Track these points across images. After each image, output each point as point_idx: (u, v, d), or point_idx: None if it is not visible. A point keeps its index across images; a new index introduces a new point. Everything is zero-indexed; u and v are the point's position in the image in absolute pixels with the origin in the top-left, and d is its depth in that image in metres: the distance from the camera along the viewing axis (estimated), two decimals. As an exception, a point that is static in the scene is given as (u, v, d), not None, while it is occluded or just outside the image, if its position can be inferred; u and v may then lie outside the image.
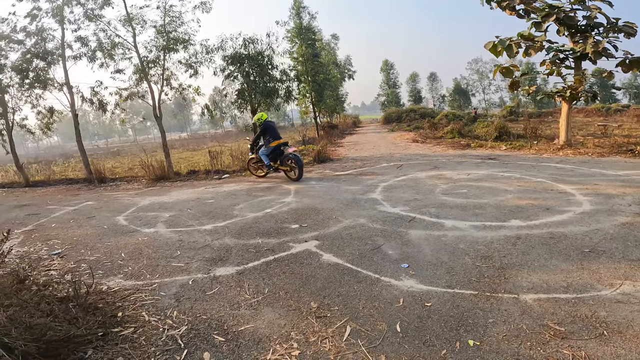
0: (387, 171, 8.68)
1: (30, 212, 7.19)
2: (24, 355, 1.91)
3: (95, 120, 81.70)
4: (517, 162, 8.79)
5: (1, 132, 12.43)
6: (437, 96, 63.10)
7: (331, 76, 24.45)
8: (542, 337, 2.17)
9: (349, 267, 3.35)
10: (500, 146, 11.99)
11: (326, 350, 2.18)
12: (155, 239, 4.68)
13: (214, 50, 11.26)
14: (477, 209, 4.93)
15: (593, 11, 9.78)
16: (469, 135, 15.75)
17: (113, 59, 11.20)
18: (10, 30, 11.45)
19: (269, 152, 8.59)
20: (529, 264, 3.15)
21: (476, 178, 7.05)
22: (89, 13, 10.79)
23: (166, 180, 10.46)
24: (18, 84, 11.97)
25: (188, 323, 2.57)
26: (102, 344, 2.28)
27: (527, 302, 2.56)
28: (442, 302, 2.64)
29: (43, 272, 3.71)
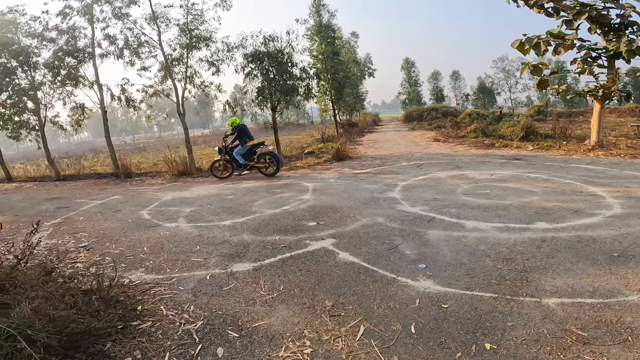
0: (407, 170, 8.54)
1: (60, 205, 7.51)
2: (45, 348, 1.96)
3: (123, 116, 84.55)
4: (545, 162, 8.47)
5: (35, 128, 13.06)
6: (460, 95, 61.60)
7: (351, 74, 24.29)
8: (563, 342, 2.09)
9: (365, 267, 3.31)
10: (527, 146, 11.57)
11: (338, 349, 2.17)
12: (176, 234, 4.79)
13: (235, 48, 11.42)
14: (500, 210, 4.78)
15: (627, 9, 9.33)
16: (494, 134, 15.29)
17: (139, 57, 11.54)
18: (43, 28, 11.99)
19: (245, 151, 9.37)
20: (554, 268, 3.02)
21: (500, 178, 6.83)
22: (116, 11, 11.14)
23: (188, 175, 10.70)
24: (50, 82, 12.53)
25: (204, 318, 2.60)
26: (121, 337, 2.34)
27: (550, 306, 2.46)
28: (459, 304, 2.57)
29: (69, 264, 3.84)
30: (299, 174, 9.34)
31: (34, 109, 12.71)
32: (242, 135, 9.38)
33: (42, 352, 1.93)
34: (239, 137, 9.37)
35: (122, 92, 11.85)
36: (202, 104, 72.75)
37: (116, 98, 11.92)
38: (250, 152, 9.45)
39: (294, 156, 13.45)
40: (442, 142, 15.12)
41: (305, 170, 9.95)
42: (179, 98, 11.59)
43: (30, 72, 12.48)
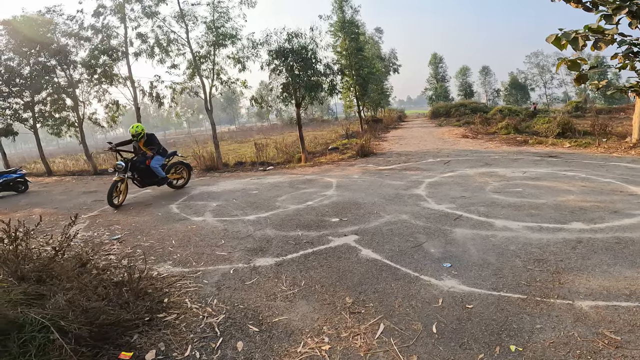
0: (433, 167, 8.33)
1: (96, 199, 7.90)
2: (76, 339, 2.03)
3: (154, 113, 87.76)
4: (582, 160, 8.01)
5: (74, 124, 13.80)
6: (490, 90, 59.39)
7: (375, 70, 23.92)
8: (594, 345, 1.99)
9: (387, 264, 3.26)
10: (564, 143, 11.00)
11: (357, 347, 2.15)
12: (202, 227, 4.91)
13: (260, 45, 11.53)
14: (533, 209, 4.56)
15: None
16: (527, 131, 14.65)
17: (169, 54, 11.90)
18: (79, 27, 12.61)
19: (162, 162, 7.60)
20: (589, 270, 2.86)
21: (533, 176, 6.52)
22: (146, 10, 11.52)
23: (215, 170, 10.96)
24: (87, 79, 13.17)
25: (226, 312, 2.65)
26: (147, 329, 2.42)
27: (583, 309, 2.34)
28: (485, 304, 2.48)
29: (103, 256, 4.03)
30: (322, 170, 9.33)
31: (73, 106, 13.42)
32: (155, 143, 7.52)
33: (72, 343, 1.99)
34: (152, 144, 7.44)
35: (153, 89, 12.28)
36: (228, 101, 74.19)
37: (147, 94, 12.37)
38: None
39: (317, 152, 13.46)
40: (471, 138, 14.63)
41: (329, 166, 9.93)
42: (207, 95, 11.86)
43: (68, 70, 13.17)
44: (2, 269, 2.80)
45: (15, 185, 10.26)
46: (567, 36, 8.79)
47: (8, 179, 10.13)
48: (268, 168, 10.61)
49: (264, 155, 12.26)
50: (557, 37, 8.63)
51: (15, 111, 13.85)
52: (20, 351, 1.92)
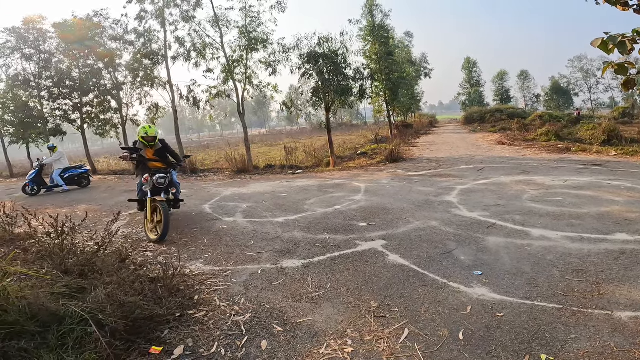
0: (466, 174, 8.09)
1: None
2: (112, 332, 2.12)
3: (190, 116, 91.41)
4: (630, 169, 7.49)
5: (117, 126, 14.65)
6: (529, 95, 56.76)
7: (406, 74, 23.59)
8: (630, 355, 1.89)
9: (415, 270, 3.21)
10: (609, 151, 10.34)
11: (380, 351, 2.13)
12: (233, 228, 5.05)
13: (290, 49, 11.73)
14: (573, 219, 4.32)
15: None
16: (569, 138, 13.88)
17: (205, 58, 12.38)
18: (123, 31, 13.40)
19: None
20: (632, 281, 2.70)
21: (575, 185, 6.18)
22: (184, 14, 12.07)
23: (246, 173, 11.23)
24: (131, 82, 13.95)
25: (252, 311, 2.71)
26: (178, 324, 2.51)
27: (622, 320, 2.21)
28: (516, 313, 2.38)
29: (141, 252, 4.22)
30: (351, 175, 9.32)
31: (117, 107, 14.26)
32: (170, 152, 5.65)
33: (108, 336, 2.07)
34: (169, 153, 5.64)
35: (190, 92, 12.81)
36: (259, 104, 75.91)
37: (184, 98, 12.92)
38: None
39: (346, 157, 13.46)
40: (507, 145, 14.07)
41: (358, 171, 9.90)
42: (239, 98, 12.22)
43: (113, 73, 14.01)
44: (47, 262, 3.01)
45: (80, 180, 11.04)
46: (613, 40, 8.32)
47: (74, 174, 10.92)
48: (297, 171, 10.73)
49: (293, 159, 12.42)
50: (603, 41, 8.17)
51: (64, 112, 14.91)
52: (58, 344, 1.99)
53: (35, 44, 14.50)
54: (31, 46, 14.52)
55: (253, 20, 11.91)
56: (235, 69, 12.25)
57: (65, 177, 10.69)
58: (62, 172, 10.68)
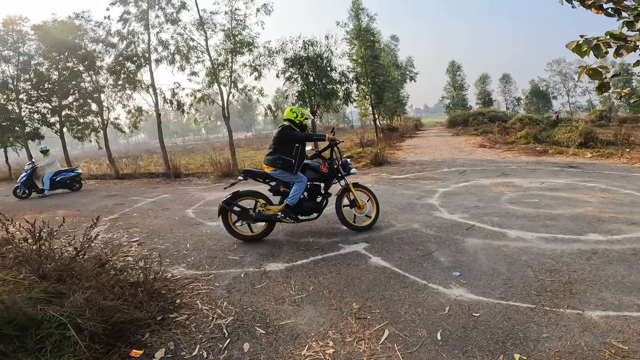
0: (448, 177, 8.26)
1: (117, 202, 8.18)
2: (91, 336, 2.12)
3: (174, 119, 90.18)
4: (604, 171, 7.79)
5: (97, 129, 14.34)
6: (510, 99, 58.24)
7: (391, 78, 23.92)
8: (600, 354, 1.97)
9: (396, 272, 3.27)
10: (585, 154, 10.72)
11: (360, 352, 2.17)
12: (216, 232, 5.03)
13: (276, 53, 11.76)
14: (548, 220, 4.48)
15: None
16: (547, 140, 14.32)
17: (189, 61, 12.27)
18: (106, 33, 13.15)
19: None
20: (603, 281, 2.81)
21: (551, 187, 6.39)
22: (168, 17, 11.95)
23: (231, 177, 11.15)
24: (112, 85, 13.68)
25: (235, 314, 2.72)
26: (159, 328, 2.51)
27: (592, 319, 2.31)
28: (492, 313, 2.46)
29: (121, 257, 4.17)
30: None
31: (97, 111, 13.95)
32: None
33: (87, 340, 2.08)
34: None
35: (173, 96, 12.67)
36: (245, 108, 75.46)
37: (168, 101, 12.76)
38: None
39: (332, 160, 13.51)
40: (489, 148, 14.42)
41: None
42: (224, 102, 12.16)
43: (94, 75, 13.71)
44: (25, 268, 2.96)
45: (72, 183, 10.76)
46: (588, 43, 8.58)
47: (66, 177, 10.65)
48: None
49: (279, 163, 12.40)
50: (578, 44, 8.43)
51: (43, 115, 14.52)
52: (36, 347, 2.01)
53: (14, 45, 14.11)
54: (10, 48, 14.11)
55: (239, 23, 11.89)
56: (220, 73, 12.20)
57: (57, 180, 10.44)
58: (54, 175, 10.42)
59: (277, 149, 4.42)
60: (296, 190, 4.38)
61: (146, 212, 6.79)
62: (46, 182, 10.22)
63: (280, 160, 4.37)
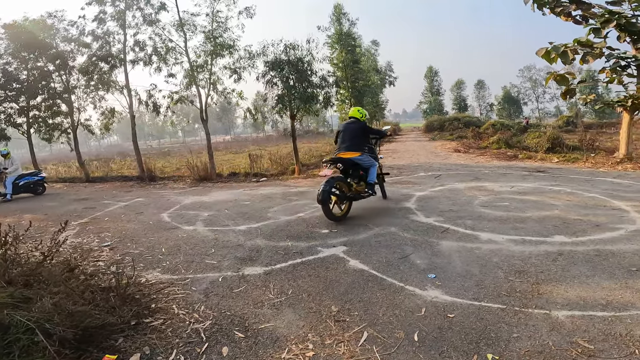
0: (424, 181, 8.46)
1: (87, 206, 7.89)
2: (60, 341, 2.07)
3: (150, 121, 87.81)
4: (569, 175, 8.20)
5: (67, 131, 13.76)
6: (484, 104, 60.40)
7: (371, 82, 24.33)
8: (567, 354, 2.06)
9: (374, 274, 3.32)
10: (552, 158, 11.25)
11: (340, 354, 2.19)
12: (193, 237, 4.94)
13: (256, 56, 11.72)
14: (517, 222, 4.67)
15: None
16: (518, 145, 14.92)
17: (167, 63, 12.03)
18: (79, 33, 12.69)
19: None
20: (568, 281, 2.96)
21: (521, 191, 6.67)
22: (147, 17, 11.68)
23: (208, 180, 11.00)
24: (84, 86, 13.19)
25: (213, 318, 2.69)
26: (133, 333, 2.45)
27: (559, 319, 2.42)
28: (465, 314, 2.55)
29: (92, 262, 4.04)
30: (316, 182, 9.42)
31: (67, 112, 13.41)
32: None
33: (57, 345, 2.03)
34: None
35: (149, 97, 12.36)
36: (224, 111, 74.51)
37: (144, 103, 12.44)
38: None
39: (312, 164, 13.58)
40: (463, 152, 14.87)
41: (323, 179, 10.00)
42: (202, 104, 11.97)
43: (65, 76, 13.18)
44: (-11, 273, 2.82)
45: (35, 187, 10.24)
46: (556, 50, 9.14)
47: (29, 181, 10.15)
48: (261, 179, 10.67)
49: (258, 167, 12.34)
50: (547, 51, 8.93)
51: (9, 116, 13.81)
52: (4, 352, 1.96)
53: (-19, 45, 13.35)
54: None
55: (220, 25, 11.77)
56: (199, 75, 12.02)
57: (21, 184, 9.92)
58: (17, 179, 9.90)
59: (361, 139, 5.64)
60: (373, 171, 5.64)
61: (118, 216, 6.58)
62: (8, 187, 9.72)
63: (366, 147, 5.72)
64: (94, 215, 6.80)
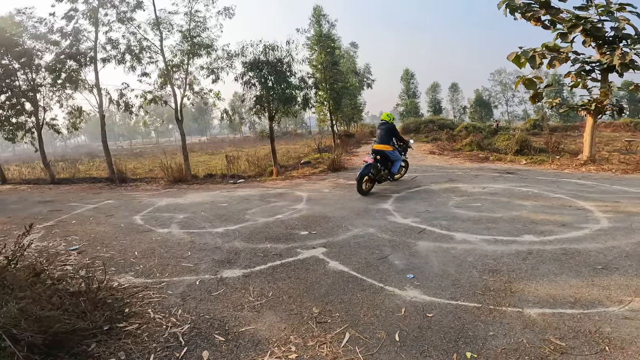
0: (401, 182, 8.62)
1: (53, 209, 7.49)
2: (29, 346, 1.99)
3: (120, 121, 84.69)
4: (537, 177, 8.59)
5: (31, 130, 13.03)
6: (457, 107, 62.27)
7: (349, 84, 24.54)
8: (541, 351, 2.14)
9: (354, 275, 3.35)
10: (520, 160, 11.72)
11: (323, 355, 2.19)
12: (168, 239, 4.80)
13: (235, 56, 11.55)
14: (489, 222, 4.84)
15: (621, 22, 9.44)
16: (489, 148, 15.46)
17: (140, 62, 11.62)
18: (47, 30, 12.06)
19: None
20: (538, 279, 3.09)
21: (492, 192, 6.92)
22: (121, 16, 11.26)
23: (183, 182, 10.71)
24: (50, 84, 12.54)
25: (191, 322, 2.63)
26: (106, 338, 2.36)
27: (531, 316, 2.52)
28: (444, 313, 2.61)
29: (59, 266, 3.85)
30: (294, 184, 9.39)
31: (32, 111, 12.71)
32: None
33: (25, 350, 1.95)
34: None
35: (121, 97, 11.91)
36: (200, 111, 73.00)
37: (115, 103, 11.96)
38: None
39: (290, 166, 13.52)
40: (438, 154, 15.26)
41: (301, 180, 10.01)
42: (178, 104, 11.67)
43: (30, 74, 12.50)
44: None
45: None
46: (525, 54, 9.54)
47: None
48: (239, 181, 10.51)
49: (235, 168, 12.15)
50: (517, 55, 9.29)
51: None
52: None
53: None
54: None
55: (198, 25, 11.51)
56: (174, 74, 11.70)
57: None
58: None
59: (389, 137, 7.68)
60: (397, 165, 7.67)
61: (87, 219, 6.30)
62: None
63: (396, 144, 7.94)
64: (60, 218, 6.47)
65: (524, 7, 10.02)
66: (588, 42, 9.87)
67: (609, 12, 9.63)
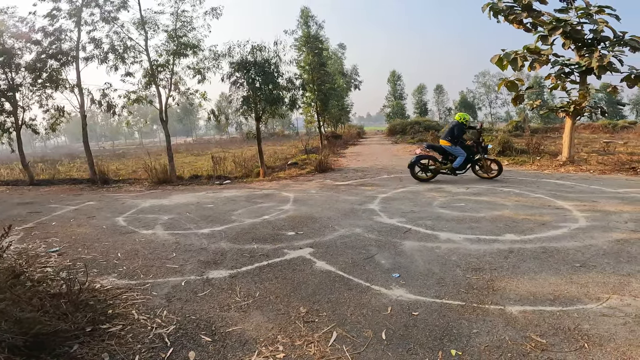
0: (388, 183, 8.71)
1: (32, 210, 7.28)
2: (10, 348, 1.96)
3: (103, 122, 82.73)
4: (518, 177, 8.81)
5: (9, 130, 12.61)
6: (443, 109, 63.28)
7: (337, 86, 24.67)
8: (523, 348, 2.19)
9: (340, 275, 3.37)
10: (503, 161, 11.97)
11: (310, 354, 2.20)
12: (152, 241, 4.73)
13: (222, 57, 11.45)
14: (473, 222, 4.95)
15: (600, 25, 9.67)
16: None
17: (124, 61, 11.39)
18: (29, 29, 11.70)
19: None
20: (519, 277, 3.17)
21: (475, 192, 7.06)
22: (105, 15, 11.02)
23: (168, 183, 10.56)
24: (30, 84, 12.17)
25: (177, 323, 2.60)
26: (89, 339, 2.32)
27: (513, 314, 2.58)
28: (429, 311, 2.66)
29: (39, 268, 3.75)
30: (281, 185, 9.38)
31: (11, 110, 12.32)
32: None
33: (6, 352, 1.93)
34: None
35: (104, 97, 11.65)
36: (185, 112, 71.98)
37: (97, 103, 11.69)
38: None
39: (277, 167, 13.48)
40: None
41: (288, 181, 10.00)
42: (162, 105, 11.49)
43: (10, 73, 12.10)
44: None
45: None
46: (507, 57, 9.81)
47: None
48: (225, 182, 10.43)
49: (221, 169, 12.04)
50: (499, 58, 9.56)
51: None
52: None
53: None
54: None
55: (184, 25, 11.35)
56: (159, 74, 11.51)
57: None
58: None
59: (451, 134, 8.48)
60: (459, 160, 8.37)
61: (67, 221, 6.15)
62: None
63: (456, 140, 8.45)
64: (39, 220, 6.29)
65: (507, 9, 10.27)
66: (568, 45, 10.12)
67: (588, 15, 9.86)
